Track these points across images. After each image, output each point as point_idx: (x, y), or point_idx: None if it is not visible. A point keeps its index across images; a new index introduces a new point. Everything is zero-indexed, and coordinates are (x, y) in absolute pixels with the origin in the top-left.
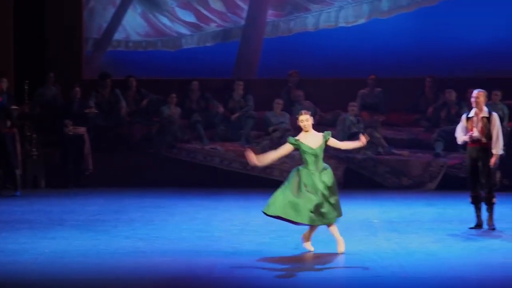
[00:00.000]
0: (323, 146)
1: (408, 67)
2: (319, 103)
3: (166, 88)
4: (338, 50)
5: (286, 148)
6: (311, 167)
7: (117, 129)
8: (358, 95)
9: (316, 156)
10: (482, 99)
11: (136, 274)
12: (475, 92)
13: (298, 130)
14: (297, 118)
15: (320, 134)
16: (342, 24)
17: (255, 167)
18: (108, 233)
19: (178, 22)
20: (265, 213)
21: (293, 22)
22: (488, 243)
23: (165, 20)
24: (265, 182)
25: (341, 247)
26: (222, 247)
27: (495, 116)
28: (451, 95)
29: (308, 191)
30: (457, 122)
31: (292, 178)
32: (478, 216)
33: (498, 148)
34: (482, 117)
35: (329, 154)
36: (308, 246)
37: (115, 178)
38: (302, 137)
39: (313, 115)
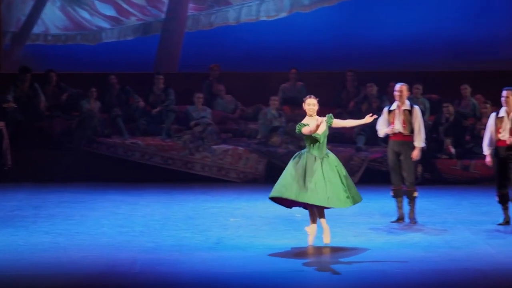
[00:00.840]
0: (327, 132)
1: (330, 61)
2: (241, 97)
3: (86, 82)
4: (259, 44)
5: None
6: (315, 152)
7: (37, 123)
8: (280, 89)
9: (319, 141)
10: (405, 92)
11: (56, 270)
12: (398, 86)
13: (219, 123)
14: (303, 101)
15: (323, 119)
16: (263, 18)
17: (175, 162)
18: (27, 228)
19: (97, 16)
20: (276, 198)
21: (214, 15)
22: (409, 236)
23: (84, 14)
24: (186, 177)
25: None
26: (143, 242)
27: (416, 109)
28: (372, 89)
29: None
30: (378, 116)
31: (296, 164)
32: (400, 208)
33: (420, 141)
34: (404, 110)
35: (251, 148)
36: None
37: (34, 173)
38: (306, 122)
39: (234, 109)
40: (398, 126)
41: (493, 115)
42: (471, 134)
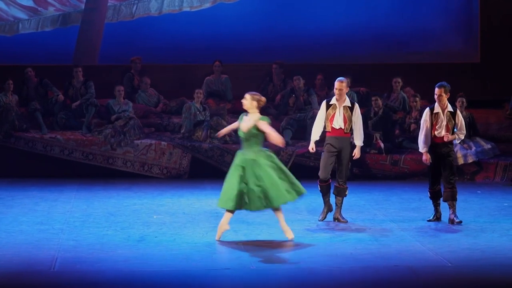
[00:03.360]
0: (255, 131)
1: (255, 53)
2: (163, 91)
3: (2, 74)
4: (183, 35)
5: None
6: (245, 150)
7: None
8: (204, 82)
9: (246, 139)
10: (345, 89)
11: None
12: (339, 82)
13: (142, 118)
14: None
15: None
16: (186, 9)
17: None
18: None
19: (14, 6)
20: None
21: (135, 6)
22: (338, 233)
23: (1, 4)
24: (107, 172)
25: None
26: (63, 240)
27: (357, 106)
28: (299, 82)
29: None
30: (305, 109)
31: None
32: (327, 201)
33: (361, 140)
34: (345, 107)
35: (174, 143)
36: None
37: None
38: (244, 118)
39: (157, 102)
40: (340, 123)
41: (427, 111)
42: (400, 128)
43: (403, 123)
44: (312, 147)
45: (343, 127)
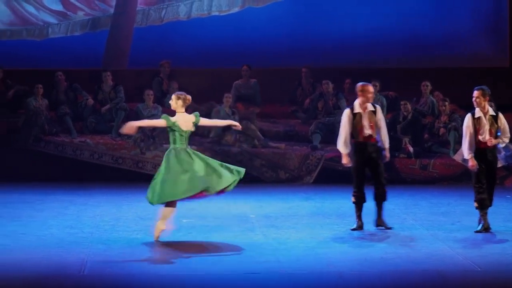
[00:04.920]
0: (193, 128)
1: (284, 57)
2: (193, 95)
3: (32, 79)
4: (211, 39)
5: (159, 122)
6: (181, 145)
7: None
8: (233, 86)
9: (185, 137)
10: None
11: (2, 272)
12: (371, 86)
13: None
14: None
15: (192, 116)
16: (215, 13)
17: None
18: None
19: (44, 11)
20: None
21: (164, 10)
22: (367, 237)
23: (30, 8)
24: (137, 176)
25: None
26: (93, 244)
27: (379, 108)
28: (328, 86)
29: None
30: (334, 114)
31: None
32: (359, 216)
33: (388, 141)
34: (370, 112)
35: (204, 147)
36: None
37: None
38: (177, 117)
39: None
40: (368, 129)
41: (469, 116)
42: (429, 133)
43: (432, 127)
44: (347, 160)
45: (372, 134)
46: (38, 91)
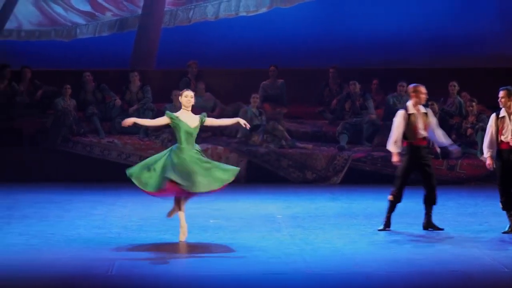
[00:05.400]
0: (198, 129)
1: (311, 57)
2: (220, 95)
3: (60, 79)
4: (238, 40)
5: (162, 120)
6: (188, 145)
7: (10, 122)
8: (260, 86)
9: (191, 134)
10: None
11: (30, 272)
12: (423, 87)
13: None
14: (180, 94)
15: (197, 116)
16: (243, 14)
17: None
18: (1, 230)
19: (72, 11)
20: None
21: (192, 11)
22: (394, 238)
23: (58, 9)
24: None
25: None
26: (120, 244)
27: (429, 110)
28: (355, 87)
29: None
30: (361, 114)
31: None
32: (389, 217)
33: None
34: (423, 113)
35: (231, 147)
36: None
37: (7, 173)
38: (180, 114)
39: (213, 107)
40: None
41: (493, 116)
42: (456, 133)
43: (459, 128)
44: (398, 159)
45: (425, 136)
46: (66, 92)
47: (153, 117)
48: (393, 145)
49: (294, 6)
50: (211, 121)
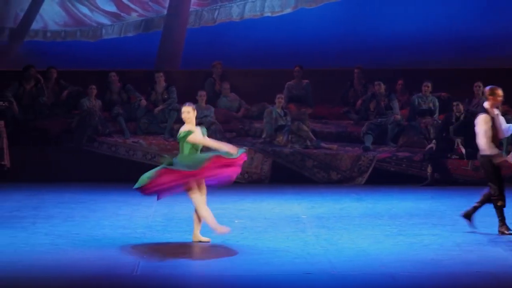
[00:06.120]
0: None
1: (336, 58)
2: (245, 95)
3: (85, 79)
4: (263, 40)
5: (201, 137)
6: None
7: (36, 122)
8: (285, 87)
9: (196, 148)
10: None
11: (55, 272)
12: (499, 89)
13: (223, 122)
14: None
15: (199, 129)
16: (268, 14)
17: None
18: (26, 230)
19: (98, 12)
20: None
21: (217, 11)
22: (419, 239)
23: (84, 10)
24: None
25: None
26: (145, 244)
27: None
28: (380, 87)
29: None
30: (386, 115)
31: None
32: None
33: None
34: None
35: (256, 148)
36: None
37: (33, 173)
38: (191, 129)
39: (238, 107)
40: None
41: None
42: None
43: None
44: (503, 157)
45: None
46: (92, 92)
47: (178, 118)
48: (492, 147)
49: (319, 6)
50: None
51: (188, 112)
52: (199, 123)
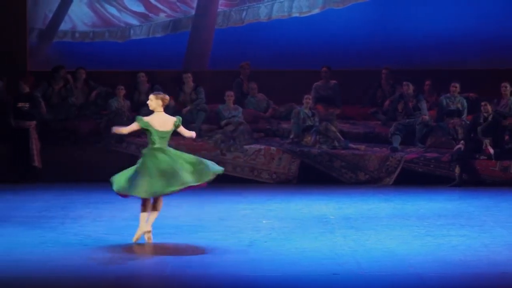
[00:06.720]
0: (171, 131)
1: (364, 58)
2: (273, 96)
3: (114, 80)
4: (291, 41)
5: (134, 125)
6: (158, 145)
7: (66, 123)
8: (313, 87)
9: (163, 137)
10: None
11: (84, 272)
12: None
13: (251, 123)
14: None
15: (172, 119)
16: (295, 15)
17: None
18: (56, 230)
19: (126, 12)
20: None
21: (245, 12)
22: (447, 239)
23: (112, 10)
24: (218, 177)
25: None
26: (174, 244)
27: None
28: (408, 88)
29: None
30: (414, 115)
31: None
32: None
33: None
34: None
35: (283, 148)
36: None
37: (62, 174)
38: (151, 117)
39: (266, 108)
40: None
41: None
42: (510, 134)
43: None
44: None
45: None
46: (120, 92)
47: (206, 118)
48: None
49: (347, 6)
50: (181, 130)
51: (151, 100)
52: (227, 123)
